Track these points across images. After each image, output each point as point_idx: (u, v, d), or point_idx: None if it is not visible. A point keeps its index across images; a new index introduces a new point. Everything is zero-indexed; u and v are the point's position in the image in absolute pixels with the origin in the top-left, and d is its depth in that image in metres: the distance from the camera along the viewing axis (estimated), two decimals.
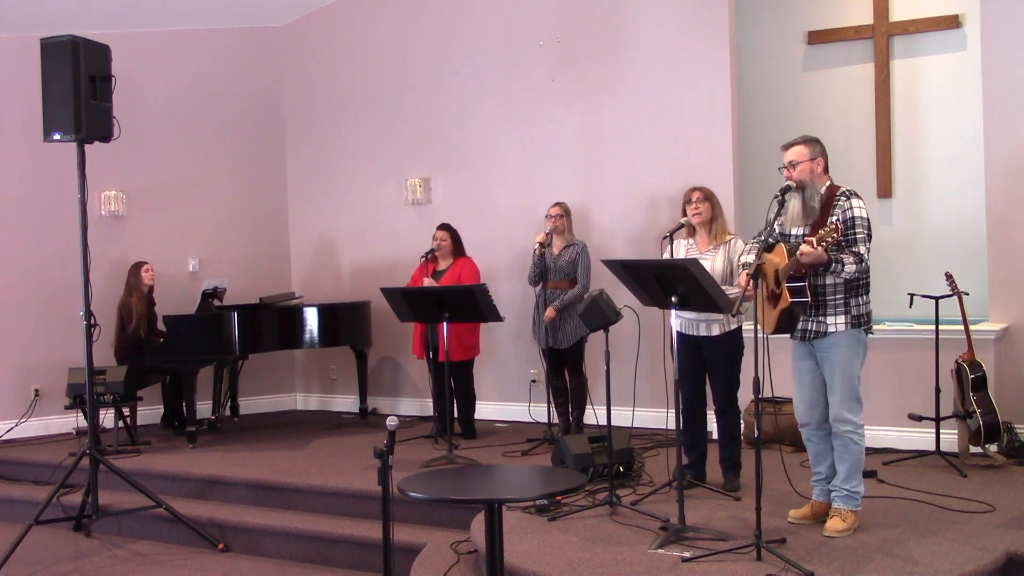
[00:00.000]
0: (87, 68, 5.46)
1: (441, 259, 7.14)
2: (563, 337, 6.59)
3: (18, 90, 7.57)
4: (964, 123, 6.87)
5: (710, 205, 5.29)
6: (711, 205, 5.29)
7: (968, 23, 6.90)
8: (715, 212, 5.30)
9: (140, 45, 8.13)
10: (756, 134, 7.28)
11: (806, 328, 4.44)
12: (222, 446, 7.18)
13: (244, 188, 8.76)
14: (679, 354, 4.83)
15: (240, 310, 7.37)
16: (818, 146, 4.48)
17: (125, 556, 5.59)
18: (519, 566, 4.14)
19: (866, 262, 4.30)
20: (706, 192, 5.33)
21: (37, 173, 7.83)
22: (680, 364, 4.86)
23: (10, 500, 6.44)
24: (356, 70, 8.56)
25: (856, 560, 4.06)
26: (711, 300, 4.43)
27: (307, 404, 8.97)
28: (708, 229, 5.30)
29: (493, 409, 7.76)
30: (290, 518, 5.64)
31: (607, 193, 7.39)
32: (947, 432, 5.80)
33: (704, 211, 5.27)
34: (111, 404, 7.07)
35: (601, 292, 5.09)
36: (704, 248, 5.28)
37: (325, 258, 8.82)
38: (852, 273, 4.27)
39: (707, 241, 5.30)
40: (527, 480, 3.80)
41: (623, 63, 7.31)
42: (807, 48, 7.49)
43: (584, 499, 5.08)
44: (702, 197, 5.29)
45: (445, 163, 8.15)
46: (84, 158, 5.56)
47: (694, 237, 5.34)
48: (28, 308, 7.89)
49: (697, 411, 5.35)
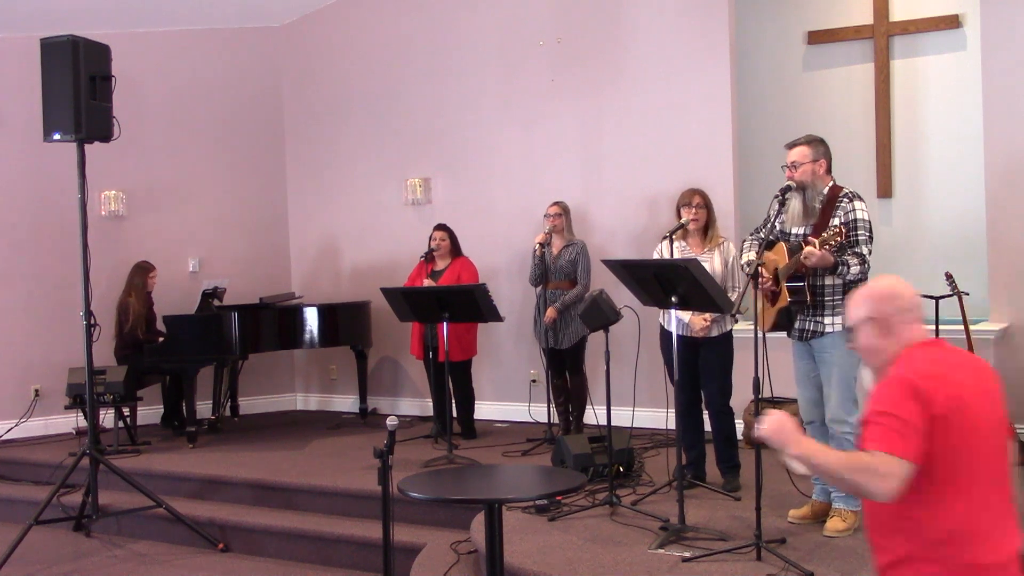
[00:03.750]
0: (87, 68, 5.45)
1: (439, 259, 7.13)
2: (563, 337, 6.59)
3: (18, 90, 7.57)
4: (964, 123, 6.87)
5: (707, 211, 5.36)
6: (708, 211, 5.37)
7: (968, 23, 6.90)
8: (711, 217, 5.39)
9: (140, 45, 8.13)
10: (756, 134, 7.28)
11: (804, 328, 4.45)
12: (222, 446, 7.18)
13: (244, 188, 8.76)
14: (678, 355, 4.83)
15: (240, 310, 7.37)
16: (821, 147, 4.49)
17: (125, 556, 5.59)
18: (519, 566, 4.14)
19: (868, 263, 4.32)
20: (705, 199, 5.39)
21: (37, 173, 7.83)
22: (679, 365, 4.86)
23: (10, 500, 6.44)
24: (356, 70, 8.56)
25: (856, 560, 4.06)
26: (711, 300, 4.44)
27: (307, 404, 8.96)
28: (703, 233, 5.37)
29: (493, 409, 7.75)
30: (290, 518, 5.65)
31: (607, 193, 7.39)
32: None
33: (701, 217, 5.36)
34: (111, 404, 7.06)
35: (601, 292, 5.09)
36: (699, 251, 5.31)
37: (325, 258, 8.82)
38: (856, 274, 4.28)
39: (700, 244, 5.36)
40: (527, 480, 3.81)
41: (623, 63, 7.31)
42: (807, 48, 7.49)
43: (584, 499, 5.08)
44: (702, 203, 5.36)
45: (445, 163, 8.15)
46: (84, 158, 5.56)
47: (687, 239, 5.38)
48: (28, 308, 7.89)
49: (694, 412, 5.35)
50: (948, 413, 2.28)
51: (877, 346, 2.50)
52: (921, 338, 2.49)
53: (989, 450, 2.33)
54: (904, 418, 2.26)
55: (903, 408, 2.27)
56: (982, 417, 2.33)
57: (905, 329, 2.47)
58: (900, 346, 2.46)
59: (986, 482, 2.32)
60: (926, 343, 2.48)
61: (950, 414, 2.28)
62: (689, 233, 5.36)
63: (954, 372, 2.37)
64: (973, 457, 2.30)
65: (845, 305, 4.33)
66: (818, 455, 2.36)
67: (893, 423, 2.26)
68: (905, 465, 2.23)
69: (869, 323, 2.50)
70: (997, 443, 2.36)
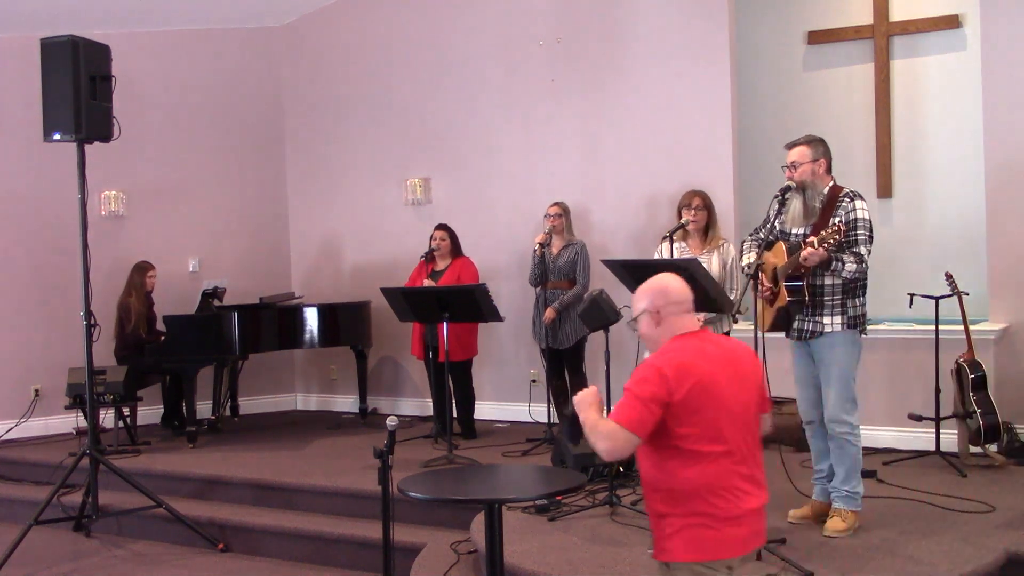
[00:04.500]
0: (87, 68, 5.46)
1: (440, 259, 7.13)
2: (563, 337, 6.59)
3: (18, 90, 7.56)
4: (964, 123, 6.87)
5: (707, 213, 5.38)
6: (708, 212, 5.38)
7: (968, 23, 6.90)
8: (711, 219, 5.41)
9: (140, 45, 8.13)
10: (756, 134, 7.28)
11: (802, 327, 4.45)
12: (222, 446, 7.18)
13: (244, 188, 8.76)
14: None
15: (240, 310, 7.37)
16: (821, 147, 4.48)
17: (125, 556, 5.59)
18: (519, 566, 4.15)
19: (866, 263, 4.31)
20: (706, 200, 5.42)
21: (37, 173, 7.82)
22: None
23: (10, 500, 6.45)
24: (356, 70, 8.56)
25: (856, 560, 4.06)
26: (711, 300, 4.44)
27: (307, 404, 8.96)
28: (703, 234, 5.39)
29: (493, 409, 7.75)
30: (290, 518, 5.65)
31: (607, 193, 7.39)
32: (947, 432, 5.80)
33: (701, 218, 5.40)
34: (111, 404, 7.07)
35: (601, 292, 5.09)
36: (698, 252, 5.32)
37: (325, 258, 8.82)
38: (852, 273, 4.28)
39: (700, 245, 5.37)
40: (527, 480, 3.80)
41: (623, 63, 7.30)
42: (807, 48, 7.49)
43: (584, 499, 5.08)
44: (702, 205, 5.39)
45: (445, 163, 8.15)
46: (84, 158, 5.56)
47: (687, 240, 5.39)
48: (28, 308, 7.89)
49: None
50: (690, 396, 2.70)
51: (651, 334, 2.91)
52: (688, 328, 2.87)
53: (734, 426, 2.76)
54: (643, 398, 2.71)
55: (645, 390, 2.72)
56: (727, 398, 2.75)
57: (675, 320, 2.87)
58: (669, 335, 2.87)
59: (730, 450, 2.74)
60: (689, 334, 2.86)
61: (693, 397, 2.70)
62: (689, 234, 5.37)
63: (702, 361, 2.77)
64: (717, 431, 2.73)
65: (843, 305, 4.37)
66: (588, 421, 2.84)
67: (633, 401, 2.73)
68: (631, 436, 2.71)
69: (646, 314, 2.90)
70: (744, 420, 2.80)
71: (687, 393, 2.70)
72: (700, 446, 2.72)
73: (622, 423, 2.73)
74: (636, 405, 2.72)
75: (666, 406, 2.70)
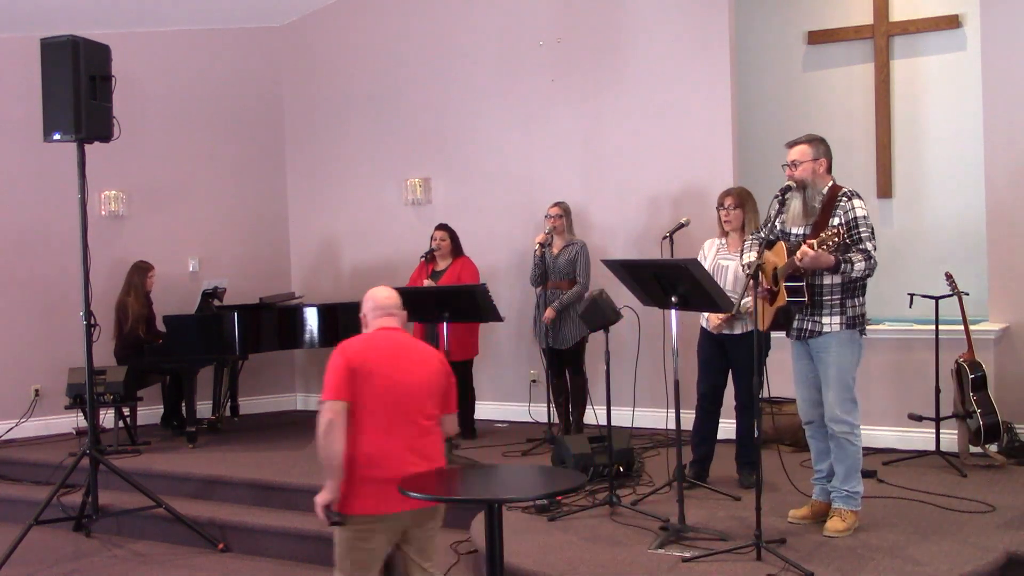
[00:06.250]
0: (87, 68, 5.45)
1: (440, 259, 7.13)
2: (563, 337, 6.59)
3: (18, 90, 7.56)
4: (964, 123, 6.88)
5: (742, 212, 5.28)
6: (743, 211, 5.29)
7: (968, 23, 6.90)
8: (747, 216, 5.29)
9: (140, 45, 8.13)
10: (756, 134, 7.28)
11: (802, 327, 4.45)
12: (222, 446, 7.18)
13: (244, 188, 8.76)
14: (702, 350, 4.83)
15: (240, 310, 7.36)
16: (822, 146, 4.48)
17: (125, 556, 5.59)
18: (519, 566, 4.15)
19: (875, 258, 4.30)
20: (739, 199, 5.31)
21: (37, 173, 7.82)
22: (702, 360, 4.87)
23: (10, 500, 6.44)
24: (356, 70, 8.56)
25: (856, 560, 4.06)
26: (711, 300, 4.44)
27: (307, 404, 8.95)
28: (741, 232, 5.30)
29: (493, 409, 7.75)
30: (290, 518, 5.64)
31: (607, 193, 7.39)
32: (947, 432, 5.80)
33: (735, 218, 5.29)
34: (111, 404, 7.06)
35: (601, 292, 5.09)
36: (734, 250, 5.28)
37: (325, 258, 8.82)
38: (862, 271, 4.27)
39: (739, 243, 5.27)
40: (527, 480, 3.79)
41: (623, 63, 7.31)
42: (807, 48, 7.50)
43: (584, 499, 5.08)
44: (734, 204, 5.29)
45: (445, 163, 8.15)
46: (84, 158, 5.56)
47: (726, 237, 5.35)
48: (28, 308, 7.89)
49: (713, 409, 5.35)
50: (361, 378, 3.38)
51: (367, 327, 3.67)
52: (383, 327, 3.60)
53: (397, 406, 3.43)
54: (334, 377, 3.40)
55: (333, 370, 3.41)
56: (391, 383, 3.43)
57: (375, 321, 3.62)
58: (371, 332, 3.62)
59: (391, 426, 3.41)
60: (380, 330, 3.59)
61: (362, 378, 3.39)
62: (728, 233, 5.33)
63: (375, 352, 3.48)
64: (380, 409, 3.40)
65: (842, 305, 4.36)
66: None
67: (329, 380, 3.41)
68: (334, 404, 3.38)
69: (364, 318, 3.66)
70: (408, 403, 3.45)
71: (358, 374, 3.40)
72: (366, 417, 3.40)
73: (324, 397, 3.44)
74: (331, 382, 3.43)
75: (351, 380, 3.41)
